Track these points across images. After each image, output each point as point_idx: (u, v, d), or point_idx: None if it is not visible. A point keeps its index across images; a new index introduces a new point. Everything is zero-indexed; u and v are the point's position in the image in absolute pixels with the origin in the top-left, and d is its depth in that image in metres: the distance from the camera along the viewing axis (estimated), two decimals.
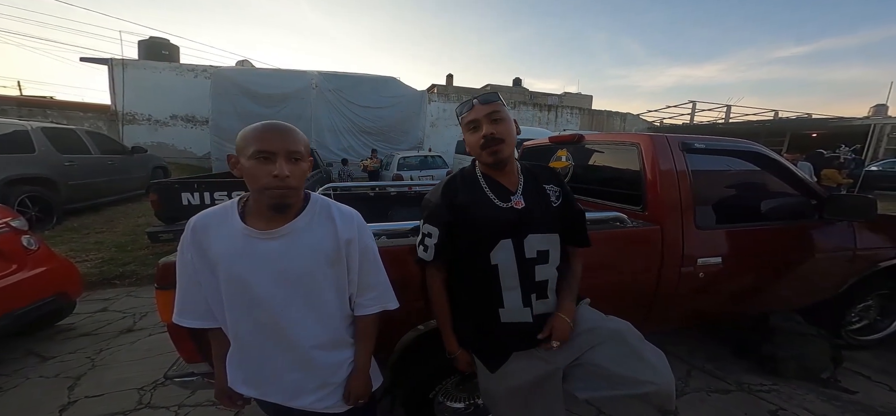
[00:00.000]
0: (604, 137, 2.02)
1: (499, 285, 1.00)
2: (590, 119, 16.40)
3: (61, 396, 1.79)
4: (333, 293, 0.86)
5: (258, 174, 0.74)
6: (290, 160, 0.75)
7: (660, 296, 1.56)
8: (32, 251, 2.18)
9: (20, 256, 2.12)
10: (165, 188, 3.81)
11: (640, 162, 1.64)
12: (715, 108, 15.63)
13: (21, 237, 2.17)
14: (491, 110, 0.98)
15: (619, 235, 1.51)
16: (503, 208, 1.01)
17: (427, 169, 7.87)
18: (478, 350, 1.08)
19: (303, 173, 0.79)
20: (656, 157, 1.58)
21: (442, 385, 1.34)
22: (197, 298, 0.84)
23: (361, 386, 0.92)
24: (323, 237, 0.82)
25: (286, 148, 0.75)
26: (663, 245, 1.52)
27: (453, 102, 13.50)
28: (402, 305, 0.98)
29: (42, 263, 2.19)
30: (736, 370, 2.06)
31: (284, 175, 0.74)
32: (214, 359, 0.94)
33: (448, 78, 23.70)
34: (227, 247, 0.79)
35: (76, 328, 2.46)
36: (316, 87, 9.87)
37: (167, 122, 10.46)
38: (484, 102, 1.00)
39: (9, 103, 9.17)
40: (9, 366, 2.02)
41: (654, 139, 1.63)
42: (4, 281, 1.97)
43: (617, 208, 1.67)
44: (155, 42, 12.37)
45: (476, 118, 0.99)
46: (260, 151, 0.74)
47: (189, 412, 1.70)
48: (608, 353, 0.99)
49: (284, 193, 0.76)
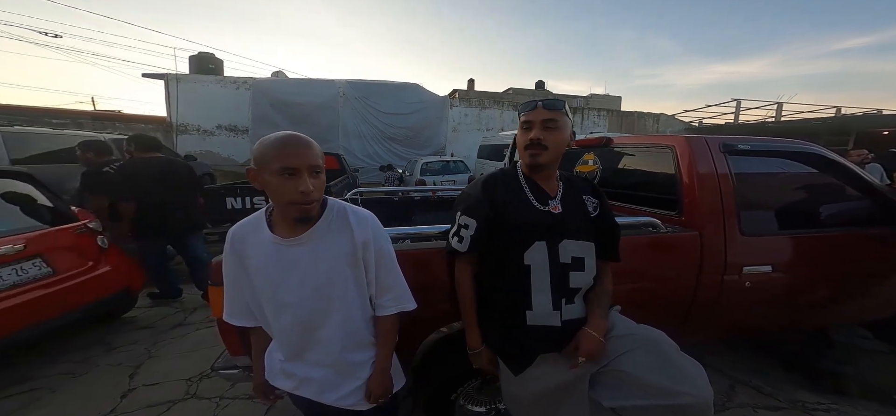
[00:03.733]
0: (635, 140, 1.89)
1: (529, 286, 0.98)
2: (619, 121, 15.56)
3: (123, 383, 1.94)
4: (354, 295, 0.88)
5: (284, 191, 0.76)
6: (312, 175, 0.78)
7: (698, 305, 1.44)
8: (105, 250, 2.40)
9: (95, 254, 2.33)
10: (213, 193, 4.08)
11: (674, 165, 1.52)
12: (763, 106, 14.08)
13: (96, 238, 2.40)
14: (548, 117, 0.99)
15: (651, 240, 1.40)
16: (541, 210, 1.01)
17: (449, 174, 7.83)
18: (502, 352, 1.04)
19: (323, 185, 0.82)
20: (693, 159, 1.46)
21: (464, 388, 1.31)
22: (240, 300, 0.90)
23: (381, 386, 0.93)
24: (341, 242, 0.85)
25: (309, 163, 0.77)
26: (702, 252, 1.40)
27: (475, 107, 13.34)
28: (425, 307, 0.97)
29: (112, 261, 2.40)
30: (787, 385, 1.85)
31: (309, 191, 0.76)
32: (253, 355, 0.99)
33: (469, 83, 23.39)
34: (260, 255, 0.83)
35: (137, 321, 2.67)
36: (343, 95, 10.13)
37: (213, 131, 11.17)
38: (546, 107, 1.00)
39: (85, 117, 10.19)
40: (82, 353, 2.22)
41: (691, 141, 1.50)
42: (83, 276, 2.18)
43: (649, 214, 1.56)
44: (203, 56, 13.28)
45: (531, 120, 1.01)
46: (285, 167, 0.75)
47: (228, 404, 1.78)
48: (640, 361, 0.94)
49: (310, 208, 0.78)
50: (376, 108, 10.52)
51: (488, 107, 13.61)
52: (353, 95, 10.26)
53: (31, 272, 1.98)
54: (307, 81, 11.04)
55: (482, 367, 1.07)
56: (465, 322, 1.08)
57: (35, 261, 2.02)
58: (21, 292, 1.88)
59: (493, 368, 1.07)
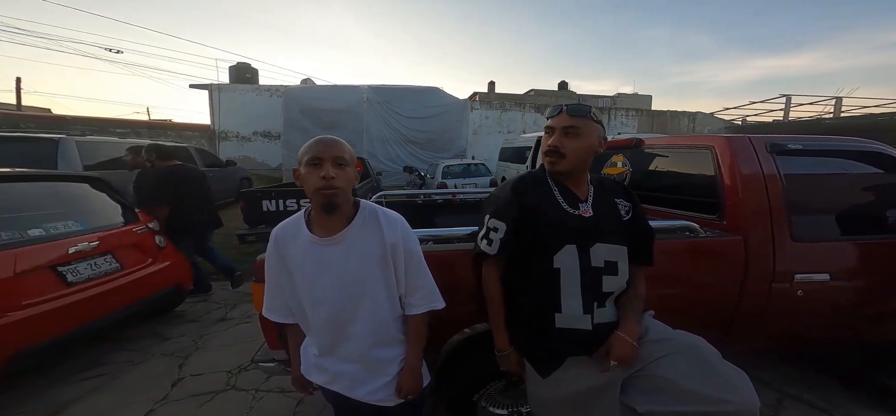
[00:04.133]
0: (669, 141, 1.80)
1: (558, 290, 0.97)
2: (649, 121, 14.82)
3: (173, 372, 2.12)
4: (384, 294, 0.91)
5: (310, 179, 0.83)
6: (335, 165, 0.83)
7: (742, 314, 1.35)
8: (162, 249, 2.64)
9: (154, 252, 2.57)
10: (251, 196, 4.35)
11: (714, 166, 1.43)
12: (818, 101, 12.59)
13: (155, 237, 2.64)
14: (569, 124, 0.99)
15: (689, 245, 1.33)
16: (571, 213, 1.00)
17: (470, 177, 7.77)
18: (529, 354, 1.03)
19: (348, 178, 0.86)
20: (736, 160, 1.37)
21: (486, 390, 1.31)
22: (279, 297, 0.95)
23: (411, 382, 0.96)
24: (372, 242, 0.89)
25: (332, 155, 0.83)
26: (747, 258, 1.31)
27: (496, 110, 13.22)
28: (449, 308, 0.98)
29: (167, 258, 2.64)
30: (844, 401, 1.69)
31: (330, 176, 0.81)
32: (291, 350, 1.04)
33: (490, 85, 23.11)
34: (299, 253, 0.89)
35: (186, 315, 2.90)
36: (366, 100, 10.38)
37: (250, 137, 11.89)
38: (570, 113, 0.99)
39: (141, 126, 11.25)
40: (140, 343, 2.45)
41: (733, 141, 1.41)
42: (143, 272, 2.41)
43: (686, 217, 1.47)
44: (241, 66, 14.18)
45: (552, 126, 1.02)
46: (311, 158, 0.83)
47: (263, 396, 1.89)
48: (679, 366, 0.91)
49: (331, 193, 0.82)
50: (398, 112, 10.69)
51: (509, 109, 13.42)
52: (376, 99, 10.50)
53: (103, 267, 2.21)
54: (334, 87, 11.41)
55: (510, 369, 1.07)
56: (492, 324, 1.07)
57: (106, 257, 2.26)
58: (96, 284, 2.10)
59: (520, 370, 1.07)
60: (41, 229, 2.06)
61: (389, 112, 10.62)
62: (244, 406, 1.81)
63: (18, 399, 1.85)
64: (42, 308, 1.83)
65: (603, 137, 1.03)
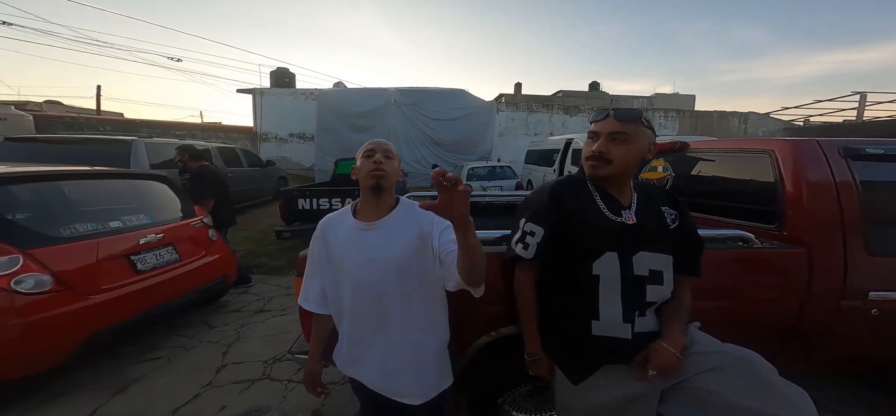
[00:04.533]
0: (718, 144, 1.66)
1: (596, 297, 0.94)
2: (692, 122, 13.83)
3: (218, 359, 2.29)
4: (418, 283, 0.94)
5: (364, 167, 0.95)
6: (384, 156, 0.96)
7: (801, 332, 1.23)
8: (213, 242, 2.87)
9: (207, 245, 2.81)
10: (288, 195, 4.62)
11: (774, 171, 1.31)
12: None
13: (208, 231, 2.88)
14: (616, 130, 0.95)
15: (742, 256, 1.22)
16: (613, 220, 0.97)
17: (496, 179, 7.66)
18: (561, 360, 1.01)
19: (394, 169, 0.98)
20: (801, 165, 1.24)
21: (511, 394, 1.29)
22: (316, 288, 1.02)
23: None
24: (409, 229, 0.95)
25: (382, 148, 0.98)
26: (811, 272, 1.18)
27: (522, 111, 12.96)
28: (476, 309, 0.98)
29: (217, 251, 2.86)
30: None
31: (379, 161, 0.94)
32: (311, 341, 1.08)
33: (516, 86, 22.56)
34: (341, 238, 0.97)
35: (230, 305, 3.12)
36: (394, 102, 10.57)
37: (287, 139, 12.60)
38: (618, 118, 0.96)
39: (196, 129, 12.36)
40: (190, 330, 2.67)
41: (798, 144, 1.28)
42: (197, 263, 2.63)
43: (735, 226, 1.34)
44: (280, 71, 15.07)
45: (597, 131, 0.99)
46: (366, 151, 0.98)
47: (295, 387, 1.99)
48: (728, 381, 0.86)
49: (380, 175, 0.93)
50: (424, 114, 10.79)
51: (537, 110, 13.09)
52: (403, 101, 10.67)
53: (166, 257, 2.44)
54: (363, 90, 11.75)
55: (539, 374, 1.05)
56: (524, 328, 1.06)
57: (168, 248, 2.49)
58: (159, 273, 2.33)
59: (550, 375, 1.04)
60: (119, 221, 2.32)
61: (416, 114, 10.76)
62: (277, 395, 1.92)
63: (94, 376, 2.09)
64: (116, 293, 2.05)
65: (653, 143, 0.98)
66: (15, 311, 1.68)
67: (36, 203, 2.14)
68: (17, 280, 1.71)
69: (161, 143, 5.38)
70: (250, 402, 1.88)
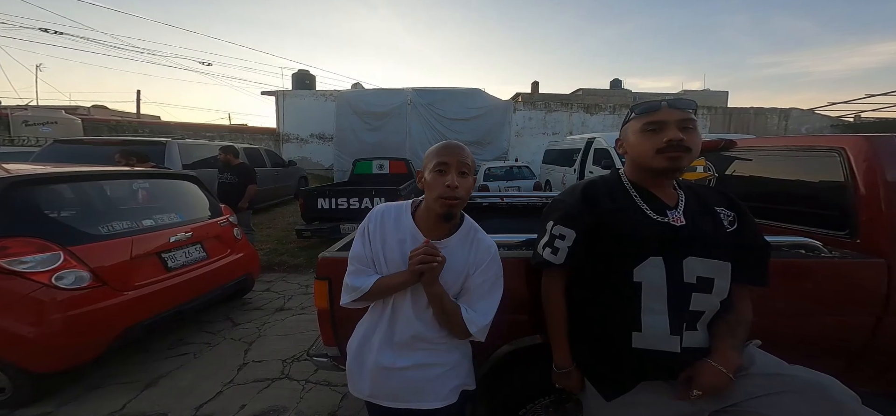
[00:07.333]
0: (772, 143, 1.53)
1: (638, 307, 0.85)
2: (725, 119, 13.08)
3: (240, 356, 2.33)
4: None
5: (435, 184, 0.84)
6: (459, 174, 0.83)
7: (876, 350, 1.12)
8: (238, 241, 2.94)
9: (232, 243, 2.87)
10: (308, 194, 4.69)
11: (845, 172, 1.19)
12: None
13: (233, 229, 2.95)
14: (684, 117, 0.86)
15: (806, 266, 1.12)
16: (658, 221, 0.87)
17: (513, 180, 7.49)
18: (593, 374, 0.93)
19: (469, 188, 0.86)
20: (880, 165, 1.12)
21: (533, 405, 1.21)
22: (371, 281, 0.89)
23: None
24: (465, 260, 0.88)
25: (458, 160, 0.84)
26: (890, 285, 1.08)
27: (540, 111, 12.66)
28: (499, 316, 0.91)
29: (242, 249, 2.92)
30: None
31: (455, 186, 0.82)
32: None
33: (533, 85, 21.96)
34: (399, 237, 0.89)
35: (252, 302, 3.20)
36: (410, 102, 10.56)
37: (307, 139, 12.88)
38: (677, 107, 0.87)
39: (224, 130, 12.87)
40: (215, 326, 2.75)
41: (875, 141, 1.16)
42: (223, 261, 2.69)
43: (792, 232, 1.24)
44: (301, 73, 15.43)
45: (664, 120, 0.86)
46: (438, 163, 0.84)
47: (312, 387, 2.00)
48: (792, 407, 0.76)
49: (453, 204, 0.83)
50: (441, 113, 10.73)
51: (555, 109, 12.76)
52: (419, 101, 10.65)
53: (194, 255, 2.51)
54: (381, 90, 11.81)
55: (568, 387, 0.98)
56: (553, 339, 0.99)
57: (196, 246, 2.56)
58: (188, 270, 2.39)
59: (580, 390, 0.97)
60: (152, 219, 2.40)
61: (432, 114, 10.72)
62: (295, 396, 1.93)
63: (125, 369, 2.17)
64: (148, 289, 2.12)
65: None
66: (56, 305, 1.76)
67: (75, 202, 2.25)
68: (57, 276, 1.79)
69: (193, 143, 5.61)
70: (269, 401, 1.90)
